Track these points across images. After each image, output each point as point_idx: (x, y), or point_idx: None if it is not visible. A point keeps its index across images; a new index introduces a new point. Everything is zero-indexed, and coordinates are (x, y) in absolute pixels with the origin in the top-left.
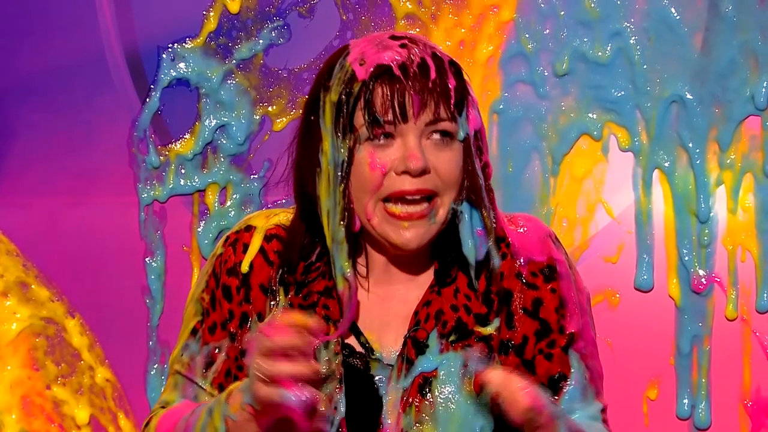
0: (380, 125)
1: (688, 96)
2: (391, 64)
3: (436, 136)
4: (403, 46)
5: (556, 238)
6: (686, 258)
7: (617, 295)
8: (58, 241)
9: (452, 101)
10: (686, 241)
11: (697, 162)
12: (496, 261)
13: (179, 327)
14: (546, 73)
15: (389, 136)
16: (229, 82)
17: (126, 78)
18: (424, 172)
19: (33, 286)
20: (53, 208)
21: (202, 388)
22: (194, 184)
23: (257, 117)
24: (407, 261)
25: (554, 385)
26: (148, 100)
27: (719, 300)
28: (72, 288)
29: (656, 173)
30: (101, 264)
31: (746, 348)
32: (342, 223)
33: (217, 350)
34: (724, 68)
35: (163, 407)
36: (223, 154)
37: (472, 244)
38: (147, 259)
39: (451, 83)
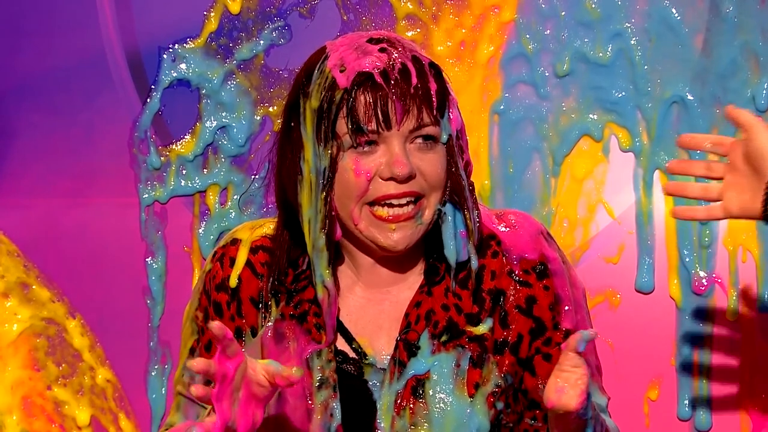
0: (364, 133)
1: (689, 97)
2: (373, 71)
3: (420, 139)
4: (382, 50)
5: (549, 234)
6: (687, 259)
7: (618, 296)
8: (59, 241)
9: (434, 105)
10: (687, 241)
11: None
12: (474, 263)
13: (180, 328)
14: (547, 74)
15: (373, 142)
16: (229, 82)
17: (126, 78)
18: (410, 177)
19: (34, 287)
20: (53, 208)
21: (204, 407)
22: (195, 185)
23: (258, 118)
24: (396, 262)
25: None
26: (148, 100)
27: (720, 301)
28: (73, 289)
29: (657, 174)
30: (102, 265)
31: (747, 349)
32: (323, 231)
33: None
34: (725, 69)
35: (166, 429)
36: (224, 155)
37: (454, 247)
38: (148, 260)
39: (433, 87)
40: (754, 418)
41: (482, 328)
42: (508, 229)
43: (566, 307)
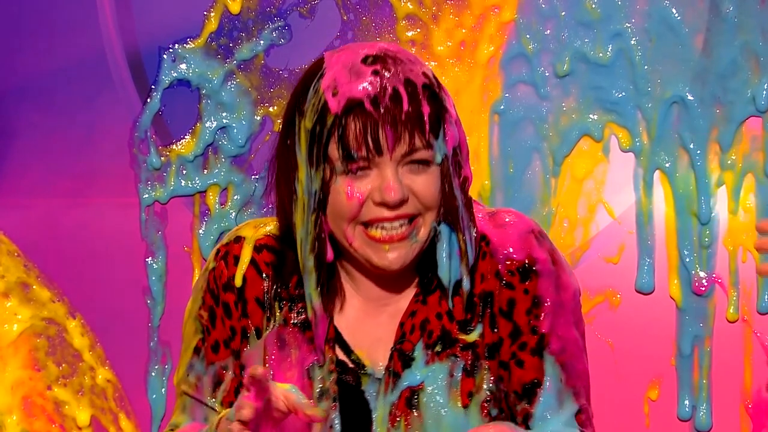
0: (354, 160)
1: (689, 97)
2: (363, 98)
3: (413, 163)
4: (375, 73)
5: (540, 233)
6: (687, 259)
7: (618, 296)
8: (59, 241)
9: (426, 129)
10: (687, 241)
11: (698, 163)
12: (465, 285)
13: (180, 328)
14: (547, 74)
15: (365, 167)
16: (230, 82)
17: (127, 78)
18: (402, 202)
19: (34, 287)
20: (54, 208)
21: (213, 408)
22: (195, 185)
23: (258, 118)
24: (392, 276)
25: (528, 392)
26: (149, 100)
27: (720, 301)
28: (73, 289)
29: (657, 174)
30: (102, 265)
31: (747, 349)
32: (312, 252)
33: (223, 369)
34: (725, 69)
35: (172, 430)
36: (224, 155)
37: (448, 267)
38: (148, 260)
39: (425, 110)
40: (754, 418)
41: (473, 336)
42: (498, 228)
43: (546, 309)
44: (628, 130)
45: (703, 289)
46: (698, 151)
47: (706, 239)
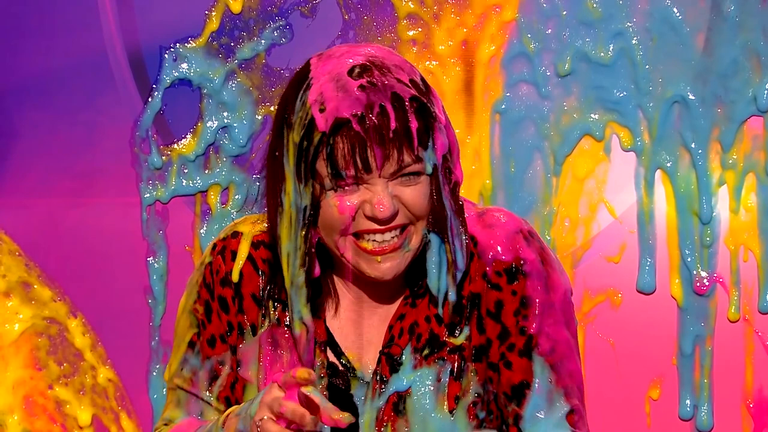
0: (343, 178)
1: (691, 96)
2: (351, 117)
3: (402, 176)
4: (361, 88)
5: (530, 233)
6: (688, 258)
7: (619, 295)
8: (60, 241)
9: (415, 144)
10: (688, 241)
11: (700, 162)
12: (452, 296)
13: None
14: (548, 73)
15: (354, 183)
16: (231, 82)
17: (128, 78)
18: (392, 216)
19: (35, 286)
20: (55, 208)
21: (208, 403)
22: (196, 184)
23: (259, 117)
24: (383, 282)
25: (518, 394)
26: (150, 100)
27: (721, 300)
28: (74, 288)
29: (658, 173)
30: (103, 264)
31: (748, 348)
32: (302, 267)
33: (219, 364)
34: (726, 68)
35: (165, 425)
36: (226, 155)
37: (437, 276)
38: (149, 260)
39: (413, 125)
40: (756, 418)
41: (460, 338)
42: (486, 228)
43: (534, 310)
44: (629, 129)
45: (705, 288)
46: (699, 151)
47: (708, 239)
